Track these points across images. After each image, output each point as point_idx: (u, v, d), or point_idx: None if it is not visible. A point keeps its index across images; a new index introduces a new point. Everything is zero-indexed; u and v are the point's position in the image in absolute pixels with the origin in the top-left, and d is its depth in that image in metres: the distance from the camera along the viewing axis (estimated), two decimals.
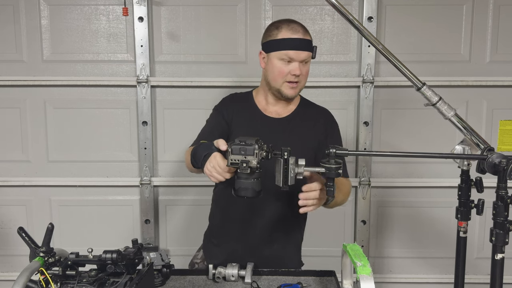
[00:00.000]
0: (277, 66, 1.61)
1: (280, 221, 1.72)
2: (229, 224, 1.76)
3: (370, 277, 1.15)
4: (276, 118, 1.71)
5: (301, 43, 1.59)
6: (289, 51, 1.58)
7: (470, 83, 2.50)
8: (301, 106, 1.75)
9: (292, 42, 1.58)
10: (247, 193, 1.32)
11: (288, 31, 1.59)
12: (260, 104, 1.73)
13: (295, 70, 1.59)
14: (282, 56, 1.59)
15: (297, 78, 1.61)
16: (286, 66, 1.60)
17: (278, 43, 1.60)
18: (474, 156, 1.48)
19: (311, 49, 1.62)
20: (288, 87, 1.63)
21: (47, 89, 2.55)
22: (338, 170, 1.29)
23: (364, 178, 2.56)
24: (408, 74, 1.49)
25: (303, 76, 1.63)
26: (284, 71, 1.60)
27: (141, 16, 2.45)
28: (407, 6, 2.47)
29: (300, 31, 1.60)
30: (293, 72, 1.60)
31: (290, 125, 1.70)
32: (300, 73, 1.60)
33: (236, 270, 1.52)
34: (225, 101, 1.80)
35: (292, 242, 1.81)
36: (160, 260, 1.49)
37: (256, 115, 1.72)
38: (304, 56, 1.59)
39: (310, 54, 1.62)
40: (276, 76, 1.63)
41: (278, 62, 1.61)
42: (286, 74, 1.61)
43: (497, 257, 1.30)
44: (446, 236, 2.58)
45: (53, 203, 2.64)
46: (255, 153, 1.26)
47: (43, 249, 1.27)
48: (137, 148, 2.58)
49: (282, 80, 1.63)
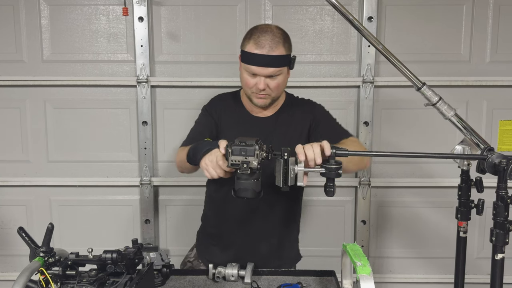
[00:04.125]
0: (243, 76, 1.60)
1: (276, 215, 1.73)
2: (225, 223, 1.76)
3: (370, 277, 1.15)
4: (263, 117, 1.71)
5: (264, 60, 1.52)
6: (251, 66, 1.54)
7: (470, 83, 2.50)
8: (287, 103, 1.74)
9: (255, 58, 1.52)
10: (247, 194, 1.32)
11: (253, 45, 1.53)
12: (247, 104, 1.73)
13: (259, 84, 1.55)
14: (247, 68, 1.56)
15: (264, 92, 1.58)
16: (251, 79, 1.57)
17: (244, 55, 1.57)
18: (474, 156, 1.48)
19: (280, 64, 1.55)
20: (256, 97, 1.61)
21: (47, 89, 2.54)
22: (338, 170, 1.29)
23: (364, 178, 2.56)
24: (408, 74, 1.50)
25: (271, 89, 1.58)
26: (249, 83, 1.58)
27: (141, 16, 2.45)
28: (407, 6, 2.47)
29: (266, 46, 1.51)
30: (257, 86, 1.56)
31: (277, 123, 1.70)
32: (265, 87, 1.56)
33: (236, 270, 1.52)
34: (214, 101, 1.80)
35: (289, 235, 1.83)
36: (160, 260, 1.49)
37: (243, 115, 1.72)
38: (269, 72, 1.54)
39: (280, 69, 1.55)
40: (244, 86, 1.62)
41: (245, 73, 1.59)
42: (251, 86, 1.58)
43: (497, 257, 1.30)
44: (446, 236, 2.58)
45: (53, 203, 2.64)
46: (256, 153, 1.26)
47: (43, 249, 1.28)
48: (137, 148, 2.58)
49: (249, 91, 1.61)
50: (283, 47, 1.56)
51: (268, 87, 1.57)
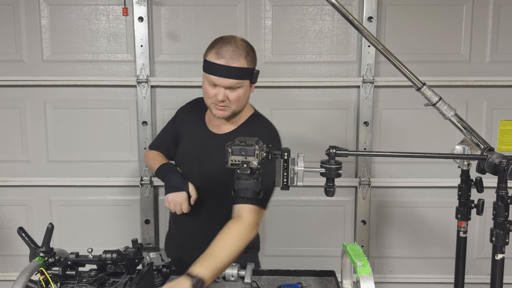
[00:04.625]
0: (204, 86, 1.59)
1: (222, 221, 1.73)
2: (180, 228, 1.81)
3: (370, 277, 1.15)
4: (219, 134, 1.68)
5: (224, 70, 1.51)
6: (210, 76, 1.54)
7: (470, 83, 2.50)
8: (247, 123, 1.69)
9: (214, 67, 1.52)
10: (246, 194, 1.32)
11: (214, 55, 1.53)
12: (208, 117, 1.72)
13: (219, 95, 1.54)
14: (207, 78, 1.56)
15: (223, 103, 1.56)
16: (212, 89, 1.56)
17: (205, 64, 1.57)
18: (474, 156, 1.48)
19: (239, 76, 1.53)
20: (216, 108, 1.59)
21: (47, 89, 2.54)
22: (338, 170, 1.29)
23: (364, 178, 2.56)
24: (408, 74, 1.49)
25: (231, 101, 1.56)
26: (210, 93, 1.57)
27: (141, 16, 2.45)
28: (407, 6, 2.47)
29: (226, 56, 1.51)
30: (217, 96, 1.55)
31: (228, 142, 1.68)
32: (224, 99, 1.54)
33: (236, 270, 1.52)
34: (184, 109, 1.87)
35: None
36: (160, 260, 1.49)
37: (199, 128, 1.73)
38: (228, 83, 1.52)
39: (239, 81, 1.54)
40: (205, 96, 1.61)
41: (206, 82, 1.58)
42: (211, 96, 1.57)
43: (497, 257, 1.30)
44: (446, 236, 2.58)
45: (53, 203, 2.64)
46: (256, 153, 1.26)
47: (43, 249, 1.27)
48: (137, 148, 2.58)
49: (209, 101, 1.60)
50: (245, 59, 1.54)
51: (227, 99, 1.55)
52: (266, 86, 2.47)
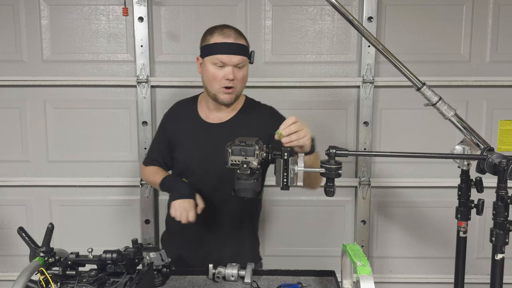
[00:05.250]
0: (211, 71, 1.63)
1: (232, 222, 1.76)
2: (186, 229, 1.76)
3: (370, 277, 1.15)
4: (217, 123, 1.73)
5: (232, 48, 1.60)
6: (220, 55, 1.60)
7: (470, 83, 2.50)
8: (244, 108, 1.76)
9: (223, 46, 1.60)
10: (246, 194, 1.32)
11: (220, 36, 1.61)
12: (203, 111, 1.77)
13: (228, 74, 1.61)
14: (214, 60, 1.61)
15: (231, 83, 1.62)
16: (219, 71, 1.62)
17: (210, 47, 1.62)
18: (474, 156, 1.48)
19: (245, 53, 1.63)
20: (223, 92, 1.64)
21: (47, 89, 2.54)
22: (338, 170, 1.29)
23: (364, 178, 2.56)
24: (408, 74, 1.49)
25: (238, 81, 1.64)
26: (218, 75, 1.62)
27: (141, 16, 2.45)
28: (407, 6, 2.47)
29: (232, 35, 1.61)
30: (226, 77, 1.61)
31: (231, 129, 1.70)
32: (234, 78, 1.61)
33: (236, 270, 1.52)
34: (168, 115, 1.89)
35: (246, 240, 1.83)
36: (160, 260, 1.49)
37: (198, 124, 1.75)
38: (236, 61, 1.61)
39: (244, 58, 1.63)
40: (211, 81, 1.65)
41: (212, 67, 1.63)
42: (220, 79, 1.62)
43: (497, 257, 1.30)
44: (446, 236, 2.58)
45: (53, 203, 2.64)
46: (256, 154, 1.26)
47: (43, 249, 1.28)
48: (137, 148, 2.58)
49: (217, 86, 1.64)
50: (244, 39, 1.67)
51: (235, 78, 1.62)
52: (266, 86, 2.47)
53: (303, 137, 1.35)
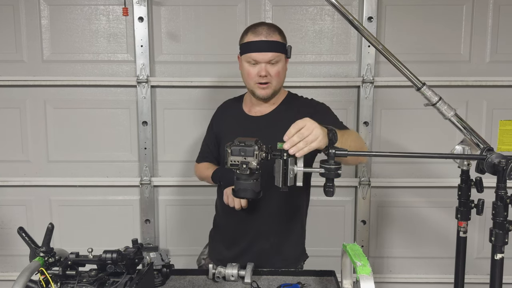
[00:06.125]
0: (246, 68, 1.69)
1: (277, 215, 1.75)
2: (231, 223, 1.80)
3: (370, 277, 1.15)
4: (259, 116, 1.77)
5: (263, 45, 1.64)
6: (252, 54, 1.65)
7: (470, 83, 2.50)
8: (285, 101, 1.80)
9: (254, 44, 1.65)
10: (246, 194, 1.32)
11: (252, 34, 1.66)
12: (247, 107, 1.82)
13: (261, 71, 1.65)
14: (248, 58, 1.67)
15: (266, 79, 1.66)
16: (252, 68, 1.67)
17: (244, 46, 1.68)
18: (474, 156, 1.48)
19: (278, 49, 1.65)
20: (259, 88, 1.69)
21: (47, 89, 2.55)
22: (337, 170, 1.29)
23: (364, 178, 2.56)
24: (408, 74, 1.49)
25: (273, 76, 1.67)
26: (252, 73, 1.67)
27: (141, 16, 2.45)
28: (407, 6, 2.47)
29: (263, 33, 1.64)
30: (259, 74, 1.66)
31: (273, 120, 1.73)
32: (266, 74, 1.65)
33: (236, 270, 1.52)
34: (216, 113, 1.95)
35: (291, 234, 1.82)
36: (160, 260, 1.49)
37: (242, 118, 1.81)
38: (269, 57, 1.64)
39: (277, 54, 1.65)
40: (247, 78, 1.71)
41: (246, 64, 1.68)
42: (253, 76, 1.67)
43: (497, 257, 1.30)
44: (446, 236, 2.58)
45: (53, 203, 2.65)
46: (255, 154, 1.26)
47: (43, 249, 1.28)
48: (137, 148, 2.58)
49: (252, 82, 1.69)
50: (279, 35, 1.68)
51: (269, 74, 1.66)
52: None
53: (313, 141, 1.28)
